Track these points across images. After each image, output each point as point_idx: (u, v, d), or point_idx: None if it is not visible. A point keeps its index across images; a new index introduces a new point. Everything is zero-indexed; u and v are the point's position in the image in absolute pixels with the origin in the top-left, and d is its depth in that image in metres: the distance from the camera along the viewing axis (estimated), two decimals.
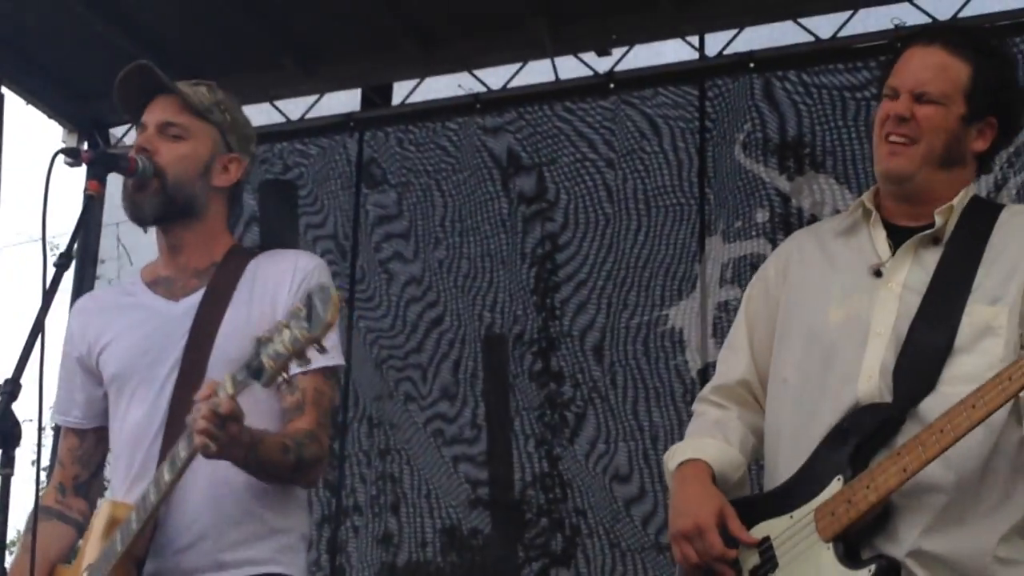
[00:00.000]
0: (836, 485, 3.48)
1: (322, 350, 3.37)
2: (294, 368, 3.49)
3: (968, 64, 3.71)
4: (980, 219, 3.71)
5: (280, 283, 3.99)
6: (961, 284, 3.58)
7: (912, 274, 3.66)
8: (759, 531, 3.61)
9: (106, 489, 4.37)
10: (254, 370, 3.43)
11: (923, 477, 3.40)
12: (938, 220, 3.66)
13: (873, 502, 3.41)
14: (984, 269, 3.60)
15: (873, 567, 3.41)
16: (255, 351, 3.43)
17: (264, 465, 3.75)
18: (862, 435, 3.51)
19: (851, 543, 3.46)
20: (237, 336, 3.87)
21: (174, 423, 3.82)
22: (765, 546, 3.59)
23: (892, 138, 3.67)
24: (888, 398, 3.54)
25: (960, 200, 3.70)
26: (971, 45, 3.77)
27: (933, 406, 3.45)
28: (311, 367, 3.61)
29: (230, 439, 3.52)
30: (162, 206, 3.98)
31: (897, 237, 3.72)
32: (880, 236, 3.75)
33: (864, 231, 3.80)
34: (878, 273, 3.68)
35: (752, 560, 3.61)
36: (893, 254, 3.69)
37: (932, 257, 3.66)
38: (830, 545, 3.46)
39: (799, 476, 3.61)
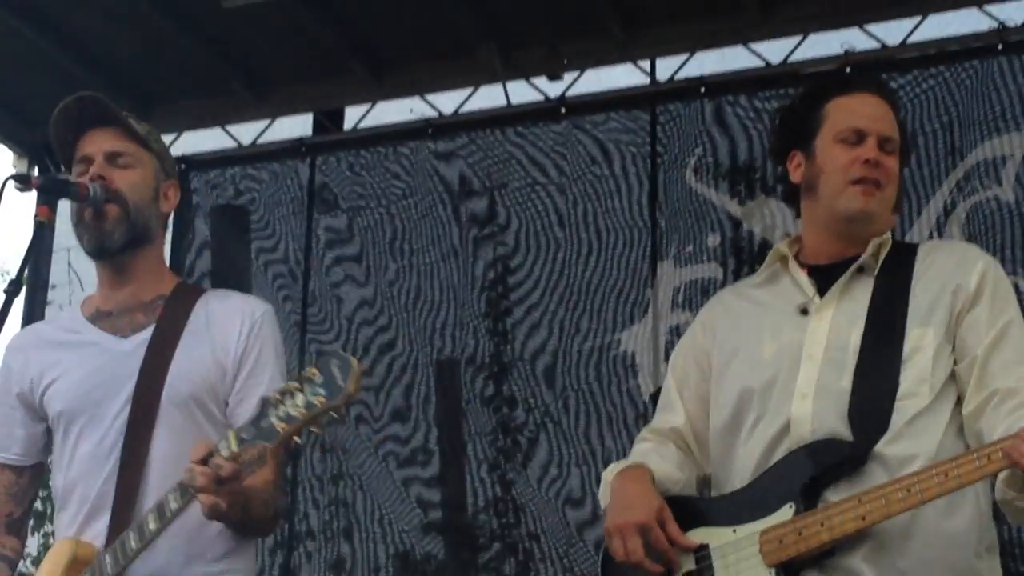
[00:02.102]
0: (787, 512, 3.51)
1: (342, 420, 3.34)
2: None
3: (898, 119, 3.92)
4: (902, 256, 3.83)
5: (230, 327, 3.99)
6: (898, 317, 3.68)
7: (842, 303, 3.77)
8: (695, 535, 3.65)
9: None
10: (264, 431, 3.38)
11: None
12: (870, 249, 3.79)
13: (825, 541, 3.44)
14: (914, 299, 3.70)
15: None
16: (262, 411, 3.39)
17: (253, 522, 3.77)
18: (818, 469, 3.53)
19: (793, 570, 3.49)
20: (188, 375, 3.89)
21: (129, 462, 3.82)
22: (702, 553, 3.62)
23: (867, 180, 3.77)
24: (827, 419, 3.59)
25: (887, 237, 3.83)
26: (897, 101, 4.00)
27: (890, 447, 3.52)
28: None
29: (232, 499, 3.50)
30: (128, 232, 3.98)
31: (818, 274, 3.85)
32: (801, 276, 3.87)
33: (784, 277, 3.93)
34: (804, 311, 3.79)
35: (687, 564, 3.64)
36: (817, 290, 3.80)
37: (860, 287, 3.78)
38: (772, 571, 3.49)
39: (746, 492, 3.65)
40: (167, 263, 4.34)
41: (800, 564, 3.48)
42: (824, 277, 3.81)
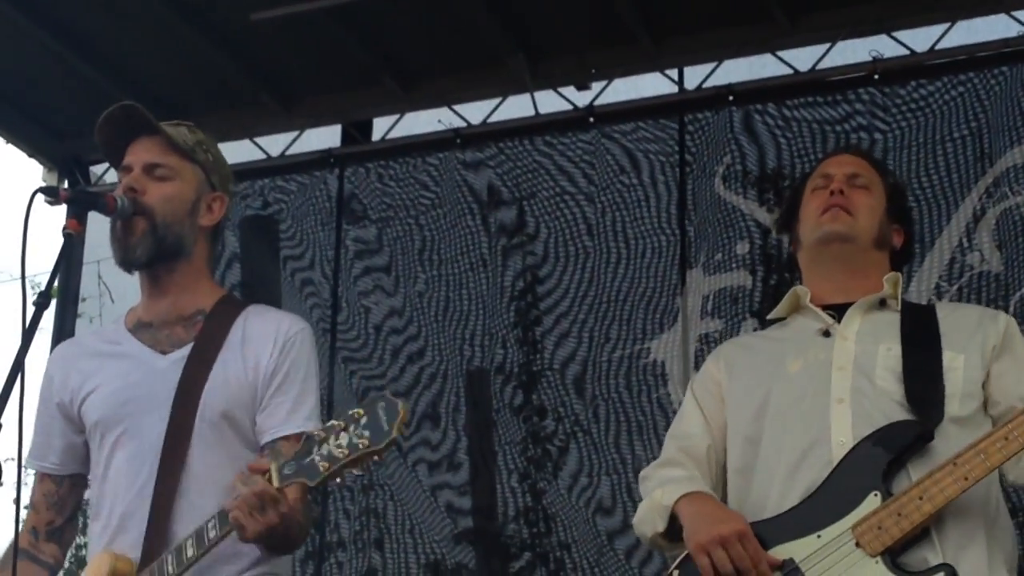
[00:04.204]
0: (874, 501, 3.54)
1: (380, 461, 3.35)
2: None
3: (881, 176, 4.18)
4: (921, 306, 4.07)
5: (263, 345, 3.99)
6: (932, 340, 3.80)
7: (864, 326, 3.88)
8: (777, 554, 3.62)
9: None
10: (305, 468, 3.39)
11: None
12: (887, 287, 3.95)
13: (929, 512, 3.48)
14: (943, 329, 3.83)
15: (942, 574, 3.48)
16: (305, 447, 3.41)
17: (288, 543, 3.78)
18: (894, 452, 3.57)
19: (895, 555, 3.51)
20: (222, 393, 3.90)
21: (164, 479, 3.82)
22: (789, 568, 3.60)
23: (831, 206, 4.00)
24: (860, 426, 3.65)
25: (899, 275, 4.02)
26: (883, 168, 4.29)
27: (948, 437, 3.60)
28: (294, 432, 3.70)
29: (268, 528, 3.52)
30: (154, 247, 3.96)
31: (832, 310, 3.97)
32: (817, 309, 3.98)
33: (794, 320, 4.08)
34: (826, 334, 3.90)
35: None
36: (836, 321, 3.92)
37: (885, 315, 3.91)
38: (878, 559, 3.50)
39: (818, 497, 3.63)
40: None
41: (902, 549, 3.52)
42: (838, 312, 3.94)
